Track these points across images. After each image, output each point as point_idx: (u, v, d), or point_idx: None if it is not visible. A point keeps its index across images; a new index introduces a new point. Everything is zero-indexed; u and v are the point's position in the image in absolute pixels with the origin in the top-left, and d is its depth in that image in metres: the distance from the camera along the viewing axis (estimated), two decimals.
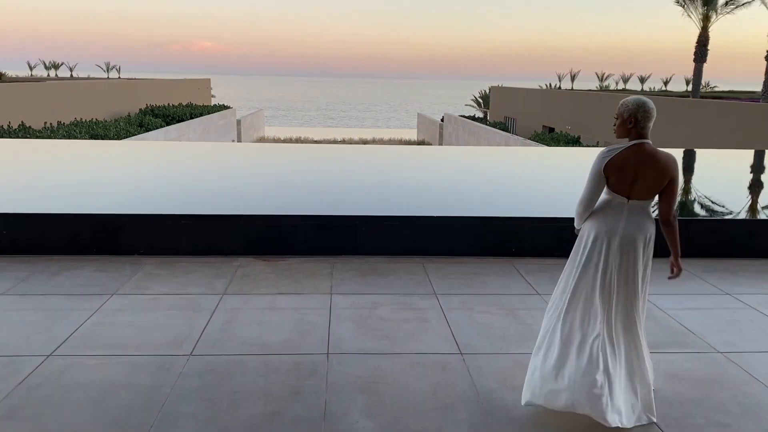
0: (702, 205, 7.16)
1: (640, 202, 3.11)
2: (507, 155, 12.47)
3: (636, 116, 3.09)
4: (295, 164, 9.36)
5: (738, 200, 7.76)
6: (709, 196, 7.66)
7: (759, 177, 9.99)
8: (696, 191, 8.09)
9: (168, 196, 6.72)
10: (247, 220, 5.78)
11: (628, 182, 3.07)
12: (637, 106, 3.10)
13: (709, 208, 7.12)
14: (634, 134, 3.10)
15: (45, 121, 27.95)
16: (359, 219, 5.83)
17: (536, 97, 47.78)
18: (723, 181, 9.14)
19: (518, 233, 5.91)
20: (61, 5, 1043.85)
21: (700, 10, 30.96)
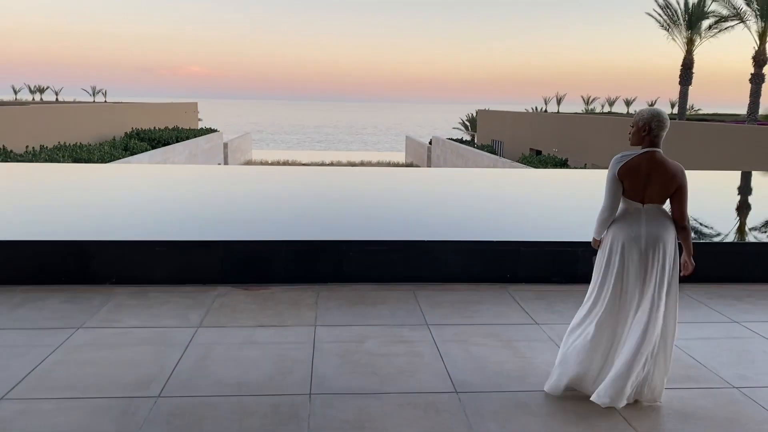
0: (696, 228, 6.91)
1: (654, 205, 3.31)
2: (498, 177, 12.15)
3: (650, 125, 3.33)
4: (279, 187, 9.07)
5: (731, 222, 7.55)
6: (702, 219, 7.43)
7: (747, 198, 9.83)
8: (689, 214, 7.89)
9: (143, 222, 6.35)
10: (226, 247, 5.44)
11: (641, 187, 3.28)
12: (652, 116, 3.36)
13: (703, 231, 6.87)
14: (647, 142, 3.33)
15: (27, 144, 27.51)
16: (346, 244, 5.52)
17: (523, 121, 48.00)
18: (715, 203, 8.93)
19: (513, 258, 5.62)
20: (46, 28, 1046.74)
21: (684, 34, 31.24)
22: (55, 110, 36.36)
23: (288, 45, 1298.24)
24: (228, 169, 13.30)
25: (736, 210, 8.57)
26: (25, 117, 30.93)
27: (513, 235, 6.05)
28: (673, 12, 31.34)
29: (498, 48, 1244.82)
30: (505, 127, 48.12)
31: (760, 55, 26.49)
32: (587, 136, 33.37)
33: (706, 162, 22.63)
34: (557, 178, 11.51)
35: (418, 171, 15.71)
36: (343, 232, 5.99)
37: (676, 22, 31.45)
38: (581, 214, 7.28)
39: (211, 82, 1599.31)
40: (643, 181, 3.26)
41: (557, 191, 9.47)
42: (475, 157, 38.13)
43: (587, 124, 34.78)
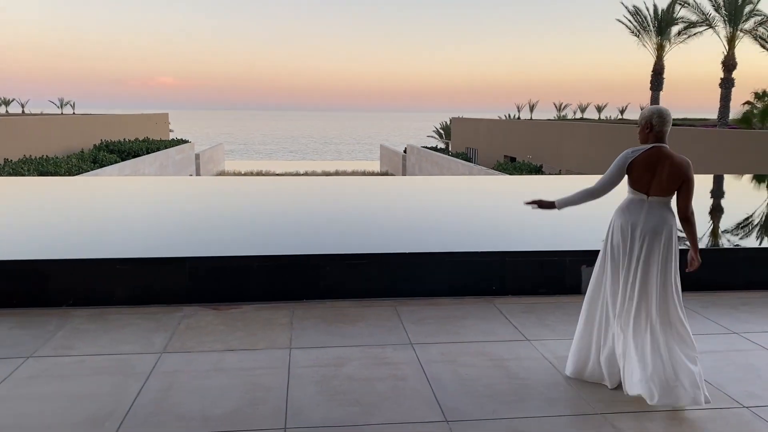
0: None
1: (658, 198, 3.44)
2: (477, 185, 11.89)
3: (651, 121, 3.46)
4: (251, 199, 8.68)
5: (712, 226, 7.37)
6: None
7: (721, 202, 9.70)
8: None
9: (104, 238, 5.93)
10: (193, 263, 5.06)
11: (646, 180, 3.43)
12: (652, 113, 3.48)
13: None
14: (652, 138, 3.46)
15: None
16: (322, 258, 5.19)
17: (497, 128, 48.12)
18: (695, 207, 8.79)
19: (498, 269, 5.34)
20: (9, 40, 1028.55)
21: (654, 40, 31.55)
22: (20, 122, 35.43)
23: (261, 55, 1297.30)
24: (197, 180, 12.78)
25: (715, 214, 8.40)
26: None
27: (497, 245, 5.77)
28: (642, 18, 31.66)
29: (470, 57, 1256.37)
30: (479, 135, 48.23)
31: (730, 60, 26.83)
32: (560, 142, 33.49)
33: None
34: (536, 184, 11.27)
35: (395, 180, 15.38)
36: (318, 245, 5.65)
37: (646, 28, 31.77)
38: (566, 222, 7.04)
39: (183, 92, 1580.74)
40: (649, 175, 3.41)
41: (538, 197, 9.25)
42: (450, 164, 38.05)
43: (560, 130, 34.94)
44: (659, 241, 3.43)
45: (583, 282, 5.38)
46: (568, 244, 5.71)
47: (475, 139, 49.00)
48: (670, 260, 3.47)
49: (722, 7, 26.70)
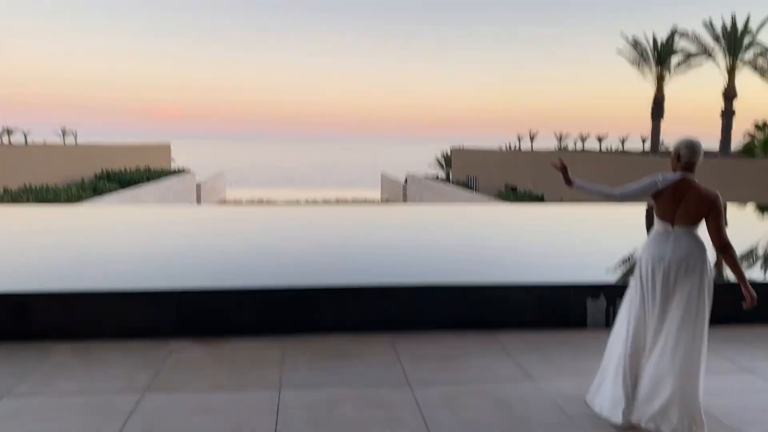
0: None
1: (683, 227, 3.44)
2: (479, 214, 11.64)
3: (679, 153, 3.49)
4: (244, 229, 8.50)
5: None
6: None
7: None
8: None
9: (92, 270, 5.71)
10: (181, 297, 4.86)
11: (671, 209, 3.45)
12: (680, 145, 3.50)
13: None
14: (680, 169, 3.49)
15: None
16: (317, 291, 4.98)
17: (497, 158, 48.21)
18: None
19: (501, 303, 5.13)
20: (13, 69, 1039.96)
21: (654, 70, 31.71)
22: (21, 152, 35.51)
23: (262, 86, 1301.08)
24: (192, 209, 12.55)
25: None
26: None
27: (500, 277, 5.56)
28: (642, 49, 31.86)
29: (471, 87, 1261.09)
30: (480, 165, 48.27)
31: (730, 91, 26.89)
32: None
33: None
34: (541, 214, 11.07)
35: (393, 208, 15.15)
36: (313, 276, 5.44)
37: (646, 59, 31.95)
38: (572, 253, 6.85)
39: (186, 123, 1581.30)
40: (675, 203, 3.42)
41: (543, 228, 8.98)
42: (451, 194, 37.96)
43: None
44: (687, 273, 3.38)
45: (589, 316, 5.17)
46: (573, 277, 5.51)
47: (475, 169, 49.04)
48: (700, 292, 3.41)
49: (721, 38, 26.86)
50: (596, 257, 6.49)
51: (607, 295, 5.16)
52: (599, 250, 6.93)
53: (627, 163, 27.92)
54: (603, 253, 6.78)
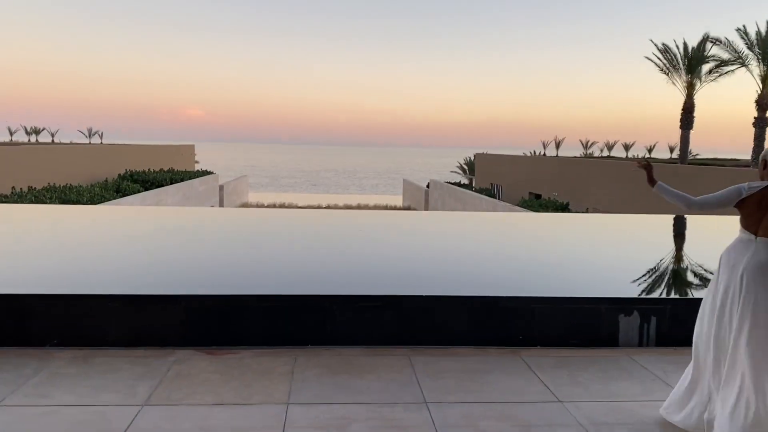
0: None
1: (766, 239, 3.25)
2: (502, 222, 11.17)
3: (766, 159, 3.38)
4: (260, 232, 8.26)
5: None
6: None
7: None
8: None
9: (98, 272, 5.51)
10: (189, 302, 4.63)
11: (756, 218, 3.29)
12: (767, 152, 3.37)
13: None
14: (767, 177, 3.35)
15: (13, 186, 26.83)
16: (330, 300, 4.71)
17: (522, 164, 47.68)
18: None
19: (525, 317, 4.82)
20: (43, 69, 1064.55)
21: (684, 78, 31.02)
22: (47, 151, 35.93)
23: (287, 89, 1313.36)
24: (208, 212, 12.29)
25: None
26: (14, 157, 30.38)
27: (525, 289, 5.25)
28: (672, 56, 31.19)
29: (495, 92, 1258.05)
30: (504, 171, 47.81)
31: (764, 99, 26.16)
32: (588, 179, 32.87)
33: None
34: (569, 223, 10.64)
35: (415, 215, 14.74)
36: (328, 284, 5.17)
37: (676, 66, 31.28)
38: (601, 265, 6.48)
39: (210, 124, 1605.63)
40: (760, 212, 3.27)
41: (570, 238, 8.55)
42: (474, 200, 37.55)
43: (587, 167, 34.33)
44: (765, 281, 3.19)
45: (621, 333, 4.84)
46: (604, 291, 5.18)
47: (499, 175, 48.59)
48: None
49: (755, 45, 26.16)
50: (629, 270, 6.11)
51: (641, 312, 4.83)
52: (632, 263, 6.55)
53: (656, 170, 27.30)
54: (636, 265, 6.40)
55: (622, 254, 7.09)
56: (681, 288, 5.59)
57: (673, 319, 4.87)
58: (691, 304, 5.02)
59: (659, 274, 6.16)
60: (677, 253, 7.46)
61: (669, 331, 4.86)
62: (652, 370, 4.31)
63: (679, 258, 7.07)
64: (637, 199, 27.91)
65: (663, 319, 4.86)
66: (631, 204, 28.11)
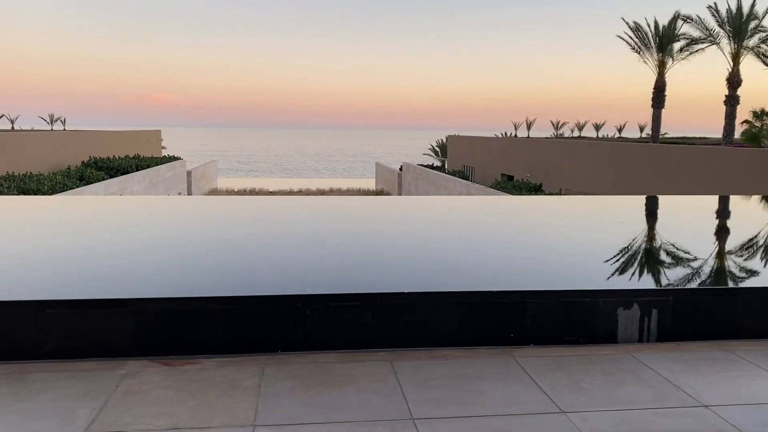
0: (743, 269, 5.76)
1: None
2: (483, 207, 10.51)
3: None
4: (221, 224, 7.56)
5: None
6: (735, 258, 6.29)
7: (732, 225, 8.70)
8: (721, 251, 6.74)
9: (31, 273, 4.89)
10: (141, 306, 4.09)
11: None
12: None
13: (736, 272, 5.72)
14: None
15: None
16: (302, 299, 4.21)
17: (494, 146, 47.52)
18: (733, 235, 7.83)
19: (517, 312, 4.38)
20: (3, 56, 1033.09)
21: (655, 56, 30.98)
22: (4, 138, 34.51)
23: (256, 73, 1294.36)
24: (166, 201, 11.40)
25: (726, 238, 7.38)
26: None
27: (515, 282, 4.82)
28: (643, 34, 31.11)
29: (465, 74, 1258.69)
30: (476, 153, 47.62)
31: (734, 77, 26.20)
32: (560, 161, 32.76)
33: (683, 186, 21.94)
34: (550, 206, 10.19)
35: (390, 201, 14.09)
36: (299, 282, 4.66)
37: (647, 44, 31.21)
38: (594, 253, 6.05)
39: (179, 109, 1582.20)
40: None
41: (556, 223, 8.04)
42: (447, 183, 37.25)
43: (559, 148, 34.22)
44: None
45: (620, 329, 4.44)
46: (601, 282, 4.78)
47: (471, 157, 48.40)
48: None
49: (726, 22, 26.12)
50: (624, 258, 5.72)
51: (642, 305, 4.43)
52: (627, 250, 6.17)
53: (627, 150, 27.22)
54: (632, 253, 6.02)
55: (614, 240, 6.69)
56: (683, 277, 5.21)
57: (675, 311, 4.50)
58: (695, 295, 4.66)
59: (657, 261, 5.78)
60: (673, 238, 7.05)
61: (671, 325, 4.48)
62: (659, 371, 3.92)
63: (676, 244, 6.68)
64: (610, 179, 27.84)
65: (665, 312, 4.48)
66: (604, 184, 28.05)
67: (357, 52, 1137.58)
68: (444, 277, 4.93)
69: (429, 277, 4.89)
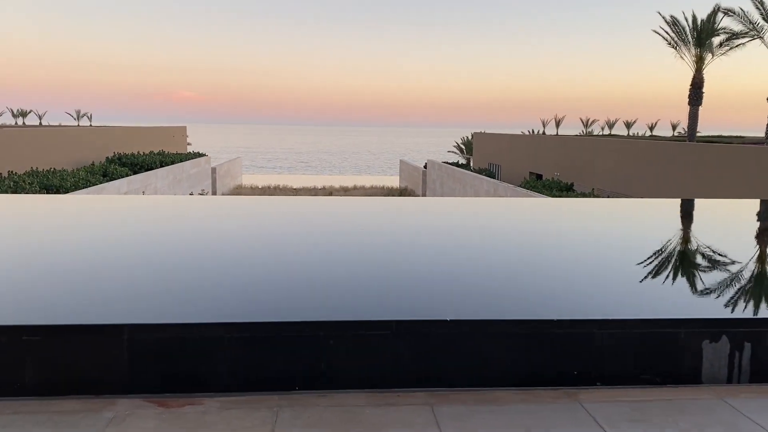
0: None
1: None
2: (526, 212, 8.70)
3: None
4: (229, 234, 6.31)
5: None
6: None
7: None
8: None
9: (6, 294, 4.15)
10: (134, 333, 3.45)
11: None
12: None
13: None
14: None
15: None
16: (325, 327, 3.54)
17: (521, 143, 46.58)
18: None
19: (583, 345, 3.66)
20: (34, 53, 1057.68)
21: (693, 52, 29.77)
22: (30, 134, 34.55)
23: (280, 70, 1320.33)
24: (170, 203, 9.85)
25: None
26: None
27: (578, 309, 4.06)
28: (681, 29, 29.91)
29: (491, 71, 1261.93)
30: (503, 151, 46.71)
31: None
32: (592, 159, 31.73)
33: (728, 188, 20.88)
34: (599, 211, 8.67)
35: (422, 203, 12.71)
36: (321, 307, 3.96)
37: (685, 39, 30.01)
38: (669, 273, 5.16)
39: (203, 106, 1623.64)
40: None
41: (617, 232, 6.86)
42: (474, 181, 36.41)
43: (591, 146, 33.16)
44: None
45: (705, 367, 3.69)
46: (682, 309, 4.03)
47: (498, 155, 47.50)
48: None
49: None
50: (708, 278, 4.90)
51: (732, 337, 3.68)
52: (709, 267, 5.34)
53: (661, 149, 26.14)
54: (717, 271, 5.18)
55: (690, 255, 5.81)
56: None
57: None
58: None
59: (748, 282, 4.85)
60: (760, 252, 6.10)
61: (767, 363, 3.73)
62: (763, 425, 3.18)
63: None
64: (644, 178, 26.78)
65: (760, 347, 3.72)
66: (638, 184, 27.01)
67: (382, 48, 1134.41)
68: (492, 300, 4.18)
69: (474, 301, 4.14)
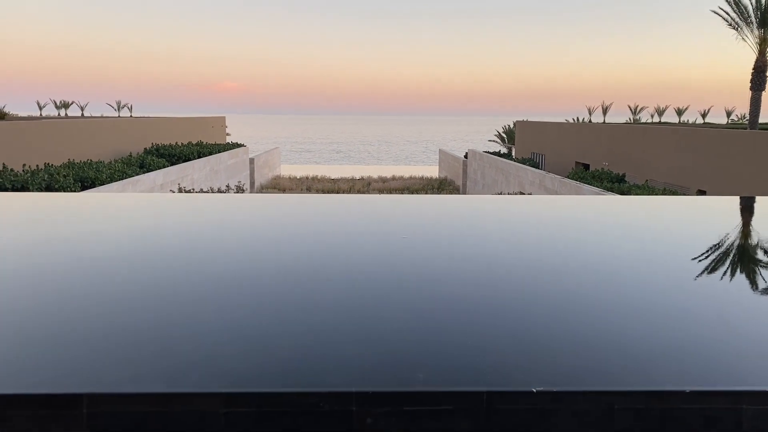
0: None
1: None
2: (596, 214, 5.64)
3: None
4: (235, 257, 3.63)
5: None
6: None
7: None
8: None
9: None
10: (99, 405, 2.52)
11: None
12: None
13: None
14: None
15: (24, 163, 25.40)
16: (357, 398, 2.56)
17: (567, 132, 44.98)
18: None
19: (721, 425, 2.60)
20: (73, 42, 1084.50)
21: (756, 33, 27.79)
22: (69, 125, 34.58)
23: (319, 59, 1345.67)
24: (170, 209, 5.97)
25: None
26: (35, 132, 28.98)
27: (710, 372, 2.98)
28: (743, 8, 27.97)
29: (535, 57, 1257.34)
30: (547, 140, 45.20)
31: None
32: (645, 148, 30.09)
33: None
34: (693, 213, 5.89)
35: (472, 203, 8.92)
36: (354, 370, 2.94)
37: (747, 19, 28.06)
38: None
39: (245, 97, 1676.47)
40: None
41: (725, 245, 4.94)
42: (518, 172, 35.08)
43: (643, 134, 31.46)
44: None
45: None
46: None
47: (541, 144, 46.01)
48: None
49: None
50: None
51: None
52: None
53: (717, 136, 24.44)
54: None
55: None
56: None
57: None
58: None
59: None
60: None
61: None
62: None
63: None
64: (700, 169, 25.15)
65: None
66: (693, 175, 25.38)
67: (425, 37, 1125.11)
68: (591, 364, 3.09)
69: (567, 364, 3.06)
